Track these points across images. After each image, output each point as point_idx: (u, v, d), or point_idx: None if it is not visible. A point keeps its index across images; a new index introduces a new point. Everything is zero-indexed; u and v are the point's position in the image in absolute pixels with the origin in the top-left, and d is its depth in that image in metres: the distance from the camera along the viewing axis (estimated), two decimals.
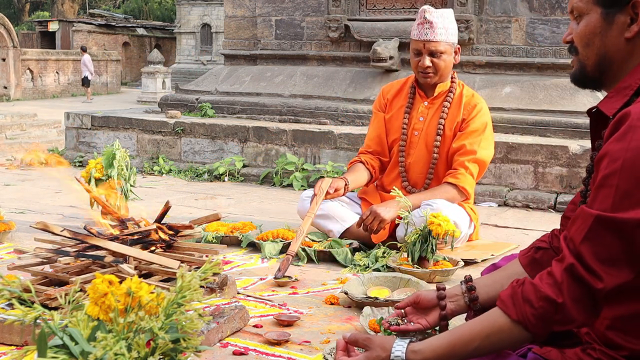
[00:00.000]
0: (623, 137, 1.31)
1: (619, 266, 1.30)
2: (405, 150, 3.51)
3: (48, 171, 5.33)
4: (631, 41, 1.42)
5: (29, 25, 37.07)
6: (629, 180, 1.28)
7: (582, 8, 1.47)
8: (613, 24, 1.43)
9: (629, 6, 1.40)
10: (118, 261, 2.52)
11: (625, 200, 1.28)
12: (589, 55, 1.49)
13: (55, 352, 1.37)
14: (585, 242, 1.31)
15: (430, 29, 3.32)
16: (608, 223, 1.29)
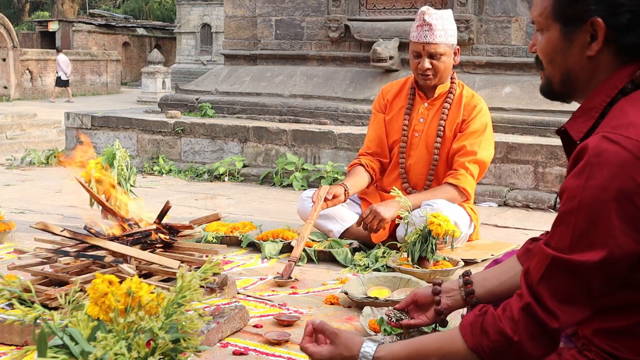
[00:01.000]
0: (580, 174, 1.28)
1: (577, 305, 1.29)
2: (406, 151, 3.50)
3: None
4: (593, 59, 1.37)
5: (29, 25, 37.08)
6: (584, 221, 1.26)
7: (542, 23, 1.43)
8: (573, 41, 1.39)
9: (588, 24, 1.35)
10: (118, 261, 2.52)
11: (582, 241, 1.27)
12: (553, 72, 1.45)
13: (55, 352, 1.37)
14: (543, 281, 1.30)
15: (430, 30, 3.31)
16: (564, 265, 1.29)
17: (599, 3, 1.33)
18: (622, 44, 1.34)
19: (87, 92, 23.84)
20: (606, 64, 1.37)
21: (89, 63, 24.17)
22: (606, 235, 1.25)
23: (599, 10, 1.33)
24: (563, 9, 1.38)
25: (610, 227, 1.24)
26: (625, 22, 1.32)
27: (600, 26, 1.33)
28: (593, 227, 1.25)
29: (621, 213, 1.24)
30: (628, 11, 1.31)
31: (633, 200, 1.23)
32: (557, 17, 1.39)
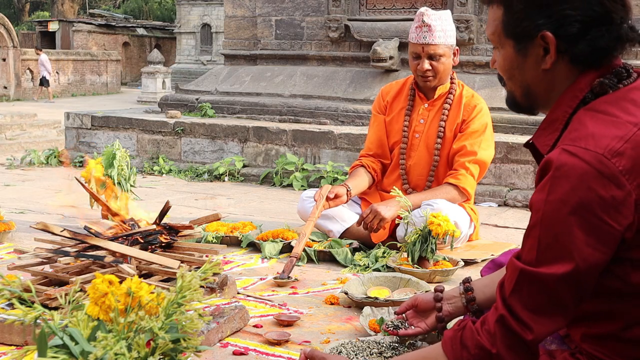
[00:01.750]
0: (543, 188, 1.29)
1: (549, 316, 1.30)
2: (406, 152, 3.49)
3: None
4: (549, 71, 1.38)
5: (29, 25, 37.08)
6: (548, 235, 1.28)
7: (496, 41, 1.45)
8: (527, 56, 1.40)
9: (539, 38, 1.36)
10: (118, 261, 2.52)
11: (547, 255, 1.28)
12: (514, 87, 1.47)
13: (55, 352, 1.37)
14: (514, 294, 1.31)
15: (429, 32, 3.30)
16: (532, 277, 1.30)
17: (546, 17, 1.33)
18: (575, 54, 1.34)
19: (87, 92, 23.83)
20: (563, 74, 1.38)
21: (89, 63, 24.16)
22: (570, 248, 1.26)
23: (547, 24, 1.34)
24: (513, 27, 1.39)
25: (573, 240, 1.25)
26: (575, 32, 1.32)
27: (550, 39, 1.34)
28: (557, 241, 1.27)
29: (584, 226, 1.25)
30: (576, 21, 1.32)
31: (594, 212, 1.24)
32: (509, 35, 1.40)
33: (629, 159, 1.24)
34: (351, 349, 2.03)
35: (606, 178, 1.23)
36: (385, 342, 2.07)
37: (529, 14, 1.36)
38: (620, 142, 1.25)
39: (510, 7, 1.38)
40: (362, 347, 2.05)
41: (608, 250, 1.26)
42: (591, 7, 1.31)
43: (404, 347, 2.05)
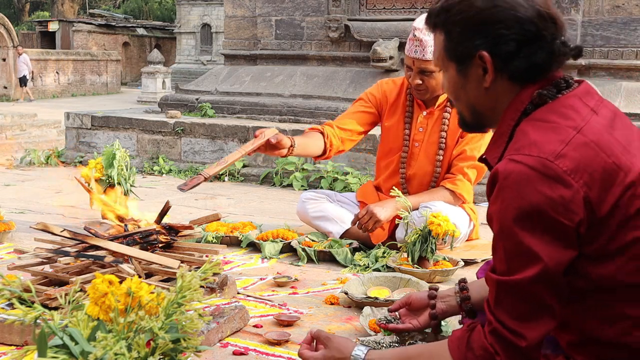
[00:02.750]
0: (496, 199, 1.33)
1: (537, 320, 1.33)
2: (407, 162, 3.44)
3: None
4: (490, 89, 1.45)
5: (29, 25, 37.08)
6: (511, 244, 1.32)
7: (441, 65, 1.52)
8: (469, 77, 1.46)
9: (477, 58, 1.42)
10: (118, 261, 2.52)
11: (515, 262, 1.32)
12: (461, 108, 1.54)
13: (55, 352, 1.37)
14: (498, 306, 1.35)
15: (420, 46, 3.19)
16: (508, 287, 1.33)
17: (482, 37, 1.41)
18: (513, 71, 1.41)
19: (87, 92, 23.84)
20: (504, 91, 1.44)
21: (89, 63, 24.17)
22: (534, 250, 1.29)
23: (483, 44, 1.41)
24: (453, 49, 1.47)
25: (535, 242, 1.29)
26: (510, 50, 1.39)
27: (487, 59, 1.41)
28: (520, 247, 1.30)
29: (540, 226, 1.29)
30: (510, 40, 1.39)
31: (547, 213, 1.28)
32: (451, 58, 1.48)
33: (571, 160, 1.29)
34: None
35: (552, 179, 1.28)
36: (385, 342, 2.07)
37: (466, 36, 1.43)
38: (561, 145, 1.31)
39: (450, 31, 1.46)
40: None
41: (569, 245, 1.30)
42: (524, 27, 1.38)
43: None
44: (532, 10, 1.38)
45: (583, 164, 1.29)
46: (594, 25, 5.69)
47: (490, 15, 1.39)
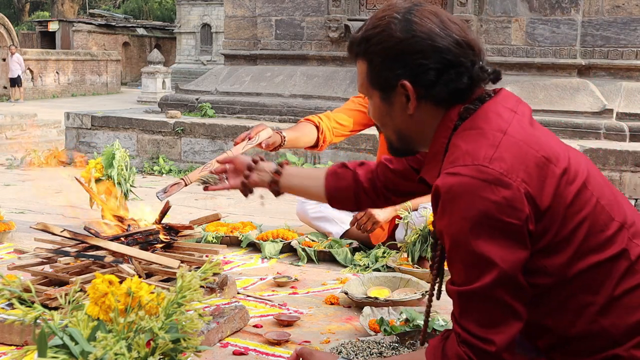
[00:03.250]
0: (443, 213, 1.36)
1: (503, 324, 1.35)
2: None
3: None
4: (415, 115, 1.49)
5: (29, 25, 37.07)
6: (465, 254, 1.34)
7: (366, 92, 1.55)
8: (393, 104, 1.50)
9: (399, 87, 1.46)
10: (118, 261, 2.52)
11: (473, 271, 1.34)
12: (389, 133, 1.57)
13: (55, 352, 1.37)
14: (463, 316, 1.37)
15: None
16: (470, 295, 1.36)
17: (403, 67, 1.45)
18: (435, 97, 1.46)
19: (87, 92, 23.83)
20: (430, 115, 1.48)
21: (89, 63, 24.16)
22: (489, 256, 1.32)
23: (404, 74, 1.45)
24: (376, 78, 1.50)
25: (488, 248, 1.32)
26: (431, 78, 1.44)
27: (408, 88, 1.45)
28: (474, 255, 1.33)
29: (491, 232, 1.31)
30: (430, 69, 1.43)
31: (494, 217, 1.31)
32: (374, 86, 1.51)
33: (505, 161, 1.33)
34: (351, 349, 2.03)
35: (491, 183, 1.31)
36: (385, 342, 2.08)
37: (387, 66, 1.46)
38: (492, 149, 1.35)
39: (372, 60, 1.49)
40: (362, 347, 2.05)
41: (522, 245, 1.33)
42: (442, 55, 1.43)
43: (404, 347, 2.05)
44: (449, 39, 1.43)
45: (517, 163, 1.33)
46: (594, 25, 5.68)
47: (409, 46, 1.43)
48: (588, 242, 1.36)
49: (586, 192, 1.37)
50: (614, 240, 1.37)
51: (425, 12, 1.46)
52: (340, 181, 1.84)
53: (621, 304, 1.37)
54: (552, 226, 1.35)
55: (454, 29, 1.45)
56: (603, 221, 1.38)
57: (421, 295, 2.64)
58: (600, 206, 1.38)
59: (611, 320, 1.37)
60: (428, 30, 1.43)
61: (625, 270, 1.37)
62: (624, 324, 1.37)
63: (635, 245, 1.39)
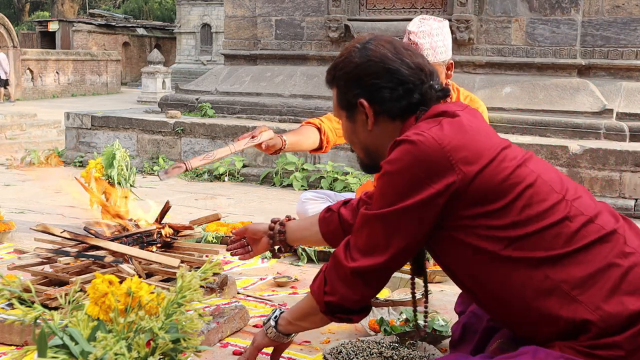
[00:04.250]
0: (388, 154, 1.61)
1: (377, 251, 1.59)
2: None
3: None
4: (374, 131, 1.69)
5: (29, 25, 37.07)
6: (385, 186, 1.62)
7: (337, 114, 1.77)
8: (356, 122, 1.71)
9: (359, 105, 1.67)
10: (118, 261, 2.52)
11: (383, 201, 1.58)
12: (357, 150, 1.78)
13: (55, 352, 1.37)
14: (354, 233, 1.66)
15: (416, 50, 3.04)
16: (368, 219, 1.61)
17: (360, 88, 1.67)
18: (390, 112, 1.66)
19: (87, 92, 23.83)
20: (388, 129, 1.67)
21: (89, 63, 24.15)
22: (399, 194, 1.55)
23: (362, 94, 1.67)
24: (342, 99, 1.72)
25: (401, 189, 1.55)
26: (385, 96, 1.64)
27: (365, 105, 1.66)
28: (391, 190, 1.57)
29: (409, 177, 1.53)
30: (383, 88, 1.64)
31: (416, 167, 1.52)
32: (342, 107, 1.74)
33: (441, 131, 1.55)
34: (351, 349, 2.03)
35: (421, 143, 1.53)
36: (385, 342, 2.08)
37: (348, 87, 1.69)
38: (434, 123, 1.58)
39: (339, 85, 1.72)
40: (362, 347, 2.05)
41: (431, 196, 1.52)
42: (393, 76, 1.64)
43: (404, 347, 2.05)
44: (399, 62, 1.64)
45: (451, 135, 1.53)
46: (594, 25, 5.68)
47: (364, 69, 1.66)
48: (529, 210, 1.49)
49: (525, 169, 1.54)
50: (555, 209, 1.50)
51: (381, 42, 1.68)
52: (329, 225, 2.01)
53: (569, 261, 1.47)
54: (486, 197, 1.50)
55: (406, 54, 1.67)
56: (545, 192, 1.52)
57: (421, 295, 2.63)
58: (542, 180, 1.53)
59: (561, 276, 1.47)
60: (381, 55, 1.65)
61: (570, 234, 1.48)
62: (574, 277, 1.46)
63: (578, 212, 1.51)
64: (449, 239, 1.56)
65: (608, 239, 1.49)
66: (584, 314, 1.43)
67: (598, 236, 1.49)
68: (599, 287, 1.45)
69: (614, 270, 1.46)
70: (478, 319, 1.79)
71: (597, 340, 1.42)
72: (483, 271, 1.54)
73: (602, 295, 1.44)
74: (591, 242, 1.48)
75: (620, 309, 1.42)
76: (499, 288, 1.53)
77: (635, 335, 1.40)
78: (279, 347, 1.88)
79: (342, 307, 1.65)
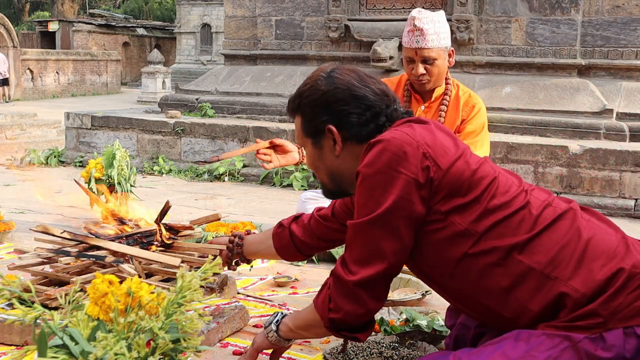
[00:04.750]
0: (362, 158, 1.65)
1: (374, 261, 1.60)
2: None
3: None
4: (341, 156, 1.72)
5: (29, 25, 37.07)
6: (364, 190, 1.64)
7: (301, 142, 1.80)
8: (323, 148, 1.74)
9: (327, 132, 1.70)
10: (119, 261, 2.52)
11: (365, 208, 1.60)
12: (322, 177, 1.80)
13: (55, 352, 1.37)
14: (347, 248, 1.68)
15: (421, 36, 3.21)
16: (358, 228, 1.62)
17: (328, 114, 1.70)
18: (358, 136, 1.69)
19: (87, 92, 23.84)
20: (356, 153, 1.69)
21: (89, 63, 24.16)
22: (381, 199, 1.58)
23: (330, 120, 1.70)
24: (308, 127, 1.75)
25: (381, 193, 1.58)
26: (353, 121, 1.68)
27: (333, 131, 1.70)
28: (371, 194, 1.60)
29: (385, 179, 1.57)
30: (350, 114, 1.68)
31: (392, 166, 1.56)
32: (307, 134, 1.76)
33: (412, 132, 1.61)
34: (351, 348, 2.03)
35: (397, 143, 1.58)
36: (385, 342, 2.08)
37: (315, 114, 1.72)
38: (405, 127, 1.64)
39: (304, 113, 1.75)
40: (362, 347, 2.05)
41: (411, 194, 1.56)
42: (360, 102, 1.68)
43: (404, 347, 2.05)
44: (365, 89, 1.69)
45: (421, 136, 1.58)
46: (594, 25, 5.68)
47: (332, 96, 1.69)
48: (495, 200, 1.57)
49: (486, 166, 1.62)
50: (517, 198, 1.59)
51: (345, 70, 1.73)
52: (281, 240, 2.09)
53: (536, 243, 1.54)
54: (459, 190, 1.56)
55: (370, 82, 1.72)
56: (507, 185, 1.61)
57: (421, 295, 2.64)
58: (503, 175, 1.63)
59: (533, 259, 1.53)
60: (347, 83, 1.70)
61: (534, 219, 1.57)
62: (544, 257, 1.53)
63: (536, 199, 1.60)
64: (422, 238, 1.60)
65: (565, 216, 1.59)
66: (560, 288, 1.50)
67: (556, 215, 1.58)
68: (566, 261, 1.52)
69: (576, 242, 1.55)
70: (467, 328, 1.83)
71: (574, 312, 1.48)
72: (457, 268, 1.58)
73: (571, 267, 1.52)
74: (552, 221, 1.57)
75: (589, 277, 1.50)
76: (475, 283, 1.57)
77: (607, 300, 1.47)
78: (279, 349, 1.89)
79: (346, 324, 1.65)
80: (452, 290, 1.66)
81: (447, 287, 1.66)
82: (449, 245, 1.57)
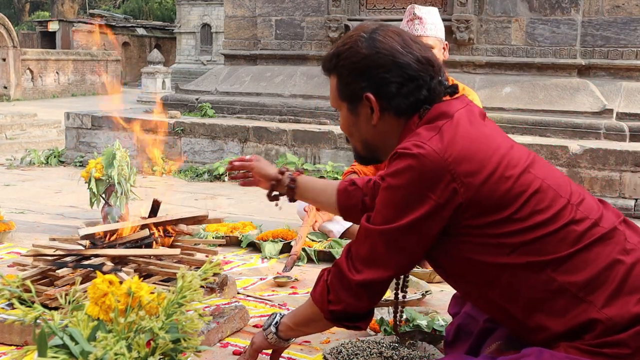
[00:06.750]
0: (388, 166, 1.56)
1: (381, 265, 1.58)
2: None
3: None
4: (378, 126, 1.63)
5: (29, 25, 37.05)
6: (387, 200, 1.59)
7: (335, 105, 1.70)
8: (359, 115, 1.65)
9: (364, 99, 1.60)
10: (117, 269, 2.48)
11: (387, 216, 1.56)
12: (355, 143, 1.72)
13: (55, 352, 1.37)
14: (354, 243, 1.64)
15: (420, 24, 3.29)
16: (372, 233, 1.58)
17: (367, 80, 1.59)
18: (396, 108, 1.60)
19: (87, 92, 23.83)
20: (392, 125, 1.62)
21: (89, 63, 24.16)
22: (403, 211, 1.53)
23: (368, 87, 1.60)
24: (344, 90, 1.65)
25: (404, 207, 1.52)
26: (392, 91, 1.58)
27: (372, 100, 1.60)
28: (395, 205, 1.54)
29: (409, 194, 1.51)
30: (391, 83, 1.58)
31: (417, 182, 1.49)
32: (343, 98, 1.66)
33: (441, 142, 1.52)
34: (351, 349, 2.03)
35: (423, 157, 1.50)
36: (385, 342, 2.08)
37: (353, 79, 1.61)
38: (434, 131, 1.54)
39: (341, 74, 1.64)
40: (362, 347, 2.05)
41: (434, 211, 1.50)
42: (403, 70, 1.57)
43: (403, 347, 2.05)
44: (410, 56, 1.58)
45: (451, 145, 1.49)
46: (594, 25, 5.68)
47: (372, 61, 1.59)
48: (535, 217, 1.48)
49: (529, 176, 1.50)
50: (561, 214, 1.48)
51: (389, 32, 1.61)
52: (350, 199, 1.95)
53: (574, 262, 1.46)
54: (492, 207, 1.47)
55: (415, 48, 1.60)
56: (550, 198, 1.50)
57: (421, 295, 2.64)
58: (546, 185, 1.51)
59: (568, 279, 1.46)
60: (390, 48, 1.58)
61: (576, 238, 1.48)
62: (580, 278, 1.45)
63: (582, 214, 1.50)
64: (451, 245, 1.54)
65: (610, 236, 1.49)
66: (592, 314, 1.43)
67: (600, 234, 1.49)
68: (604, 287, 1.45)
69: (617, 268, 1.46)
70: (473, 320, 1.79)
71: (602, 338, 1.42)
72: (487, 277, 1.52)
73: (607, 294, 1.44)
74: (594, 241, 1.48)
75: (624, 308, 1.42)
76: (503, 292, 1.52)
77: (639, 333, 1.41)
78: (279, 349, 1.88)
79: (347, 314, 1.64)
80: (473, 292, 1.61)
81: (472, 291, 1.62)
82: (479, 253, 1.52)
